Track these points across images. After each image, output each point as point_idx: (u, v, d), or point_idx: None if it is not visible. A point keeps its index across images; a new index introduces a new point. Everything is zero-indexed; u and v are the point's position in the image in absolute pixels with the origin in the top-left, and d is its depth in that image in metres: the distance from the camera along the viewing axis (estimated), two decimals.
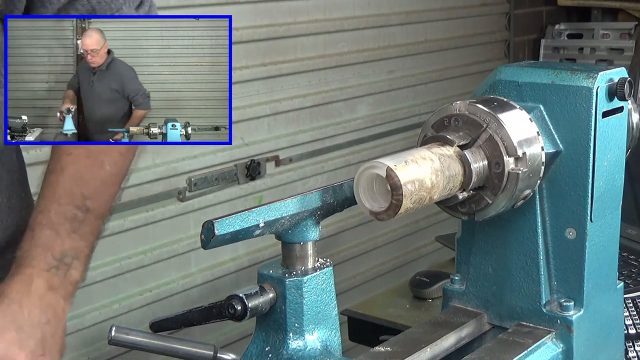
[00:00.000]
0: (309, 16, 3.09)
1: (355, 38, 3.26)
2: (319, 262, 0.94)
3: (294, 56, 3.05)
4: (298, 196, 0.91)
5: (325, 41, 3.16)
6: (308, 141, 3.14)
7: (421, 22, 3.54)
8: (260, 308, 0.90)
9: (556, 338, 1.03)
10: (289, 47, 3.02)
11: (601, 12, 4.08)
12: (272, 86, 2.98)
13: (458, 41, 3.72)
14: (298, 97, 3.07)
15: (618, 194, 1.06)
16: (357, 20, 3.26)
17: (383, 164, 0.87)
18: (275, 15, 2.97)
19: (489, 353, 1.00)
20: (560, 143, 1.00)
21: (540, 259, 1.03)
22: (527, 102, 1.01)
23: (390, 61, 3.42)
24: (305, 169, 3.12)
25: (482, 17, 3.87)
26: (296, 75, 3.06)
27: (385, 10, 3.37)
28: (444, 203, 0.98)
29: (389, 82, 3.42)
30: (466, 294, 1.10)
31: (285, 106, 3.03)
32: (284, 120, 3.05)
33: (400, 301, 1.98)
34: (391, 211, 0.87)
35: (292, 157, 3.08)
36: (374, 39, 3.34)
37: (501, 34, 3.99)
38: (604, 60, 3.91)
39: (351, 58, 3.25)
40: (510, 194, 0.96)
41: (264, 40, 2.92)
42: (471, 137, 0.96)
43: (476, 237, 1.08)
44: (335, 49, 3.20)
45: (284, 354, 0.91)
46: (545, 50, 4.08)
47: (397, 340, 1.02)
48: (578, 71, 1.00)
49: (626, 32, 3.92)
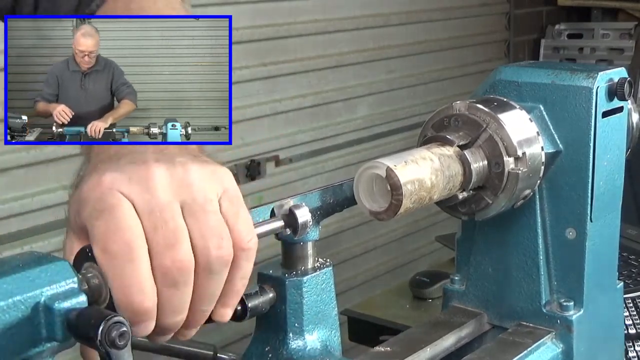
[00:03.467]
0: (309, 16, 3.10)
1: (355, 38, 3.26)
2: (319, 262, 0.94)
3: (294, 56, 3.05)
4: (298, 196, 0.91)
5: (325, 41, 3.16)
6: (308, 141, 3.14)
7: (421, 22, 3.55)
8: (260, 308, 0.90)
9: (556, 338, 1.03)
10: (289, 47, 3.03)
11: (601, 12, 4.08)
12: (272, 86, 2.98)
13: (458, 41, 3.72)
14: (298, 97, 3.08)
15: (618, 194, 1.06)
16: (357, 20, 3.26)
17: (383, 164, 0.87)
18: (275, 15, 2.97)
19: (489, 353, 1.00)
20: (560, 143, 1.00)
21: (540, 259, 1.03)
22: (527, 102, 1.01)
23: (389, 61, 3.42)
24: (305, 169, 3.12)
25: (482, 17, 3.87)
26: (296, 75, 3.07)
27: (385, 10, 3.37)
28: (444, 203, 0.98)
29: (388, 82, 3.42)
30: (466, 294, 1.10)
31: (285, 106, 3.04)
32: (283, 120, 3.05)
33: (400, 301, 1.98)
34: (391, 211, 0.87)
35: (292, 157, 3.09)
36: (373, 39, 3.34)
37: (501, 34, 3.99)
38: (604, 60, 3.91)
39: (351, 58, 3.25)
40: (510, 194, 0.96)
41: (263, 40, 2.93)
42: (471, 137, 0.96)
43: (476, 237, 1.08)
44: (335, 49, 3.20)
45: (284, 354, 0.91)
46: (545, 50, 4.09)
47: (397, 340, 1.02)
48: (578, 71, 1.00)
49: (626, 32, 3.93)
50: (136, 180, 0.71)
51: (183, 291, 0.71)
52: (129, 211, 0.69)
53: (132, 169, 0.72)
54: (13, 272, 0.64)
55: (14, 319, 0.63)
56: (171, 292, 0.70)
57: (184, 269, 0.70)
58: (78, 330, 0.63)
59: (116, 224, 0.69)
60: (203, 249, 0.70)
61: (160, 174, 0.72)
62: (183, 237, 0.70)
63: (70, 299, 0.65)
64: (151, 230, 0.69)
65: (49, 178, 2.36)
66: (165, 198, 0.70)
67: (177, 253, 0.69)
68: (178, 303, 0.71)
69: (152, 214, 0.69)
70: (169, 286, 0.70)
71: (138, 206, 0.70)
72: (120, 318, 0.63)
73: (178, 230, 0.70)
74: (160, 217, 0.69)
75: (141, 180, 0.71)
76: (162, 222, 0.69)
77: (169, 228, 0.69)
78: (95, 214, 0.70)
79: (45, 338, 0.65)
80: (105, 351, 0.62)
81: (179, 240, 0.69)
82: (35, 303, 0.64)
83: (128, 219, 0.69)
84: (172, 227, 0.69)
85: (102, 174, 0.72)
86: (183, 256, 0.69)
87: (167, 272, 0.69)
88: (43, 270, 0.65)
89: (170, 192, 0.71)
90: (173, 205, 0.70)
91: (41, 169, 2.36)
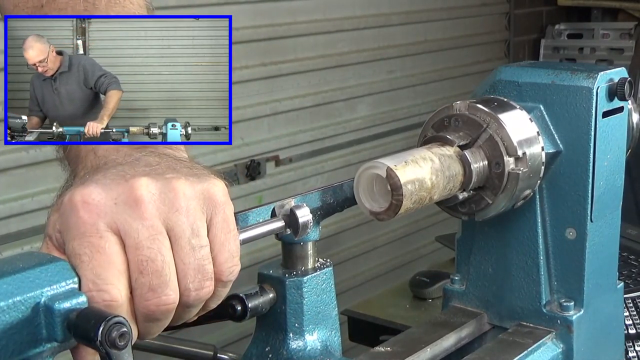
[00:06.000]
0: (309, 16, 3.10)
1: (355, 38, 3.26)
2: (319, 262, 0.94)
3: (294, 56, 3.05)
4: (298, 196, 0.91)
5: (325, 41, 3.16)
6: (308, 141, 3.14)
7: (421, 22, 3.55)
8: (260, 308, 0.90)
9: (556, 338, 1.03)
10: (288, 47, 3.03)
11: (601, 12, 4.08)
12: (272, 86, 2.98)
13: (458, 41, 3.72)
14: (298, 97, 3.08)
15: (618, 194, 1.06)
16: (357, 20, 3.26)
17: (383, 164, 0.87)
18: (275, 15, 2.97)
19: (489, 353, 1.00)
20: (560, 143, 1.00)
21: (540, 259, 1.03)
22: (527, 102, 1.01)
23: (390, 61, 3.42)
24: (305, 169, 3.12)
25: (482, 17, 3.87)
26: (296, 75, 3.07)
27: (385, 10, 3.37)
28: (444, 203, 0.98)
29: (388, 82, 3.42)
30: (466, 294, 1.10)
31: (285, 106, 3.04)
32: (284, 120, 3.05)
33: (400, 301, 1.98)
34: (391, 211, 0.87)
35: (292, 157, 3.09)
36: (373, 39, 3.34)
37: (501, 34, 3.99)
38: (604, 60, 3.91)
39: (351, 58, 3.25)
40: (510, 194, 0.96)
41: (263, 40, 2.93)
42: (471, 137, 0.96)
43: (476, 237, 1.08)
44: (335, 49, 3.20)
45: (284, 354, 0.91)
46: (545, 50, 4.09)
47: (397, 340, 1.02)
48: (578, 71, 1.00)
49: (626, 32, 3.92)
50: (123, 203, 0.69)
51: (163, 324, 0.72)
52: (113, 248, 0.68)
53: (120, 187, 0.70)
54: (13, 272, 0.64)
55: (14, 320, 0.63)
56: (150, 325, 0.71)
57: (167, 311, 0.70)
58: (78, 331, 0.63)
59: (100, 264, 0.67)
60: (185, 290, 0.70)
61: (149, 197, 0.69)
62: (169, 279, 0.69)
63: (70, 299, 0.65)
64: (136, 271, 0.68)
65: (49, 178, 2.36)
66: (153, 230, 0.68)
67: (162, 298, 0.69)
68: (156, 331, 0.72)
69: (138, 250, 0.68)
70: (149, 322, 0.70)
71: (124, 237, 0.68)
72: (120, 318, 0.63)
73: (164, 272, 0.68)
74: (147, 254, 0.68)
75: (128, 204, 0.69)
76: (149, 260, 0.68)
77: (156, 268, 0.68)
78: (78, 248, 0.68)
79: (45, 338, 0.65)
80: (105, 352, 0.62)
81: (164, 283, 0.68)
82: (35, 303, 0.64)
83: (114, 257, 0.68)
84: (159, 267, 0.68)
85: (87, 189, 0.69)
86: (167, 300, 0.69)
87: (150, 315, 0.69)
88: (43, 271, 0.65)
89: (158, 219, 0.69)
90: (160, 238, 0.69)
91: (41, 169, 2.36)
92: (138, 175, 0.71)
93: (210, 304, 0.75)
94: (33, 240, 2.35)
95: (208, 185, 0.73)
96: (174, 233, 0.70)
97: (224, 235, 0.73)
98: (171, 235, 0.69)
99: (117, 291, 0.67)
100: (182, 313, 0.72)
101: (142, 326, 0.71)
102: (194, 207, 0.71)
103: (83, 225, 0.68)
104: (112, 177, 0.71)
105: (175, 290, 0.69)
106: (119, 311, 0.67)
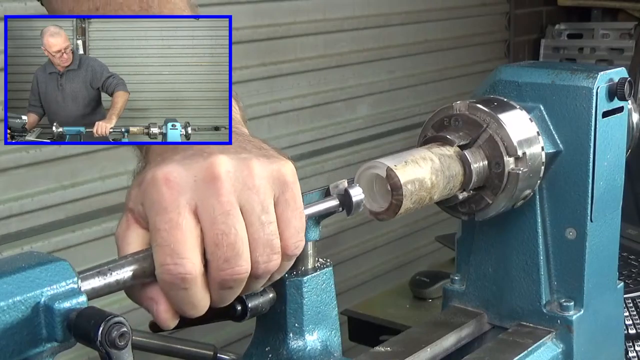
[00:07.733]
0: (309, 16, 3.09)
1: (355, 38, 3.26)
2: (319, 262, 0.94)
3: (294, 56, 3.05)
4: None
5: (325, 41, 3.16)
6: (308, 141, 3.14)
7: (421, 22, 3.54)
8: (260, 308, 0.90)
9: (556, 338, 1.03)
10: (289, 47, 3.02)
11: (601, 12, 4.08)
12: (272, 86, 2.98)
13: (458, 41, 3.72)
14: (298, 97, 3.07)
15: (618, 194, 1.06)
16: (357, 20, 3.26)
17: (383, 164, 0.87)
18: (275, 15, 2.97)
19: (489, 353, 1.00)
20: (560, 143, 1.00)
21: (540, 259, 1.04)
22: (527, 102, 1.01)
23: (390, 61, 3.42)
24: (305, 169, 3.11)
25: (482, 17, 3.87)
26: (296, 75, 3.06)
27: (385, 10, 3.37)
28: (444, 203, 0.98)
29: (389, 82, 3.42)
30: (466, 294, 1.10)
31: (285, 106, 3.03)
32: (284, 120, 3.05)
33: (400, 301, 1.98)
34: (391, 211, 0.87)
35: (292, 157, 3.08)
36: (374, 39, 3.34)
37: (501, 34, 3.99)
38: (604, 60, 3.91)
39: (351, 58, 3.25)
40: (510, 194, 0.96)
41: (264, 40, 2.92)
42: (471, 137, 0.96)
43: (476, 237, 1.08)
44: (335, 49, 3.20)
45: (284, 354, 0.91)
46: (545, 50, 4.08)
47: (397, 340, 1.02)
48: (578, 71, 1.00)
49: (626, 32, 3.92)
50: (201, 180, 0.73)
51: (235, 291, 0.77)
52: (190, 224, 0.72)
53: (198, 165, 0.74)
54: (13, 272, 0.64)
55: (14, 319, 0.63)
56: (224, 292, 0.76)
57: (240, 280, 0.75)
58: (78, 331, 0.63)
59: (177, 240, 0.72)
60: (254, 263, 0.75)
61: (226, 175, 0.74)
62: (242, 251, 0.74)
63: (70, 299, 0.65)
64: (212, 244, 0.73)
65: (49, 178, 2.36)
66: (228, 205, 0.73)
67: (235, 269, 0.74)
68: (229, 299, 0.78)
69: (214, 225, 0.73)
70: (223, 289, 0.75)
71: (201, 214, 0.73)
72: (120, 318, 0.63)
73: (237, 245, 0.73)
74: (222, 228, 0.73)
75: (207, 181, 0.73)
76: (223, 235, 0.73)
77: (230, 242, 0.73)
78: (159, 223, 0.72)
79: (45, 338, 0.65)
80: (105, 352, 0.62)
81: (238, 254, 0.74)
82: (35, 303, 0.64)
83: (188, 233, 0.72)
84: (233, 240, 0.73)
85: (168, 167, 0.74)
86: (240, 270, 0.74)
87: (224, 283, 0.74)
88: (43, 270, 0.65)
89: (234, 196, 0.74)
90: (234, 213, 0.73)
91: (41, 169, 2.36)
92: (215, 152, 0.76)
93: (276, 276, 0.80)
94: (33, 240, 2.35)
95: (279, 166, 0.78)
96: (245, 209, 0.74)
97: (291, 213, 0.78)
98: (243, 211, 0.74)
99: (192, 264, 0.72)
100: (251, 283, 0.77)
101: (217, 294, 0.76)
102: (265, 185, 0.76)
103: (165, 202, 0.73)
104: (191, 156, 0.76)
105: (247, 261, 0.74)
106: (194, 283, 0.72)
